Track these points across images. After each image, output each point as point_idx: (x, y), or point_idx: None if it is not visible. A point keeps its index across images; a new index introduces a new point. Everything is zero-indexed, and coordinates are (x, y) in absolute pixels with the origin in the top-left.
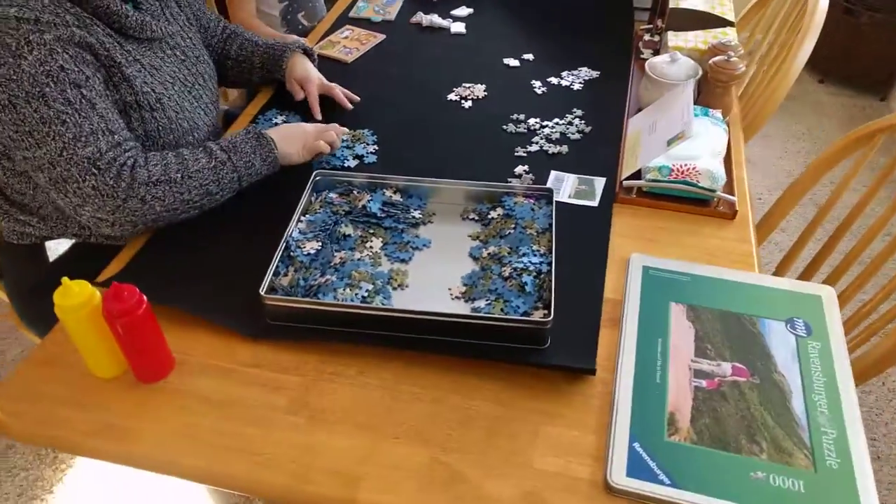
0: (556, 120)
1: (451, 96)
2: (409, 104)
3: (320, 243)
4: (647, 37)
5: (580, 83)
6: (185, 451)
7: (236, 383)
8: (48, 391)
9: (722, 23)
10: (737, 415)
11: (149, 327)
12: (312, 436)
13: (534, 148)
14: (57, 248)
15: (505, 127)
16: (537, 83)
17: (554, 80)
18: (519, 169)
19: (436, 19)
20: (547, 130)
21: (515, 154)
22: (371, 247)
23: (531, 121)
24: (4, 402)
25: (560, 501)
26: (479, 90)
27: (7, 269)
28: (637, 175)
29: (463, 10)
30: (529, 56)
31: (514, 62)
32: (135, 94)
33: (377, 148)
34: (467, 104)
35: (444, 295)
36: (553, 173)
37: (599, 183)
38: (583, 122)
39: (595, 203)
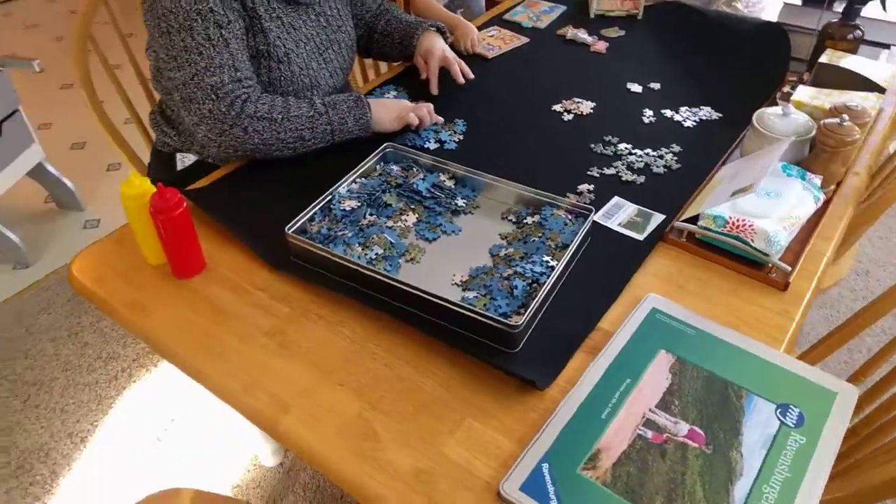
0: (648, 150)
1: (557, 107)
2: (513, 106)
3: (359, 203)
4: (786, 88)
5: (694, 122)
6: (176, 338)
7: (241, 299)
8: (112, 262)
9: (871, 88)
10: (667, 475)
11: (183, 229)
12: (274, 360)
13: (610, 171)
14: (185, 161)
15: (593, 146)
16: (649, 112)
17: (668, 113)
18: (583, 187)
19: (581, 34)
20: (632, 158)
21: (588, 173)
22: (405, 220)
23: (621, 146)
24: (81, 260)
25: (447, 488)
26: (586, 107)
27: (152, 170)
28: (696, 220)
29: (613, 31)
30: (656, 85)
31: (636, 87)
32: (267, 44)
33: (462, 138)
34: (568, 117)
35: (446, 279)
36: (615, 198)
37: (656, 219)
38: (675, 158)
39: (641, 237)
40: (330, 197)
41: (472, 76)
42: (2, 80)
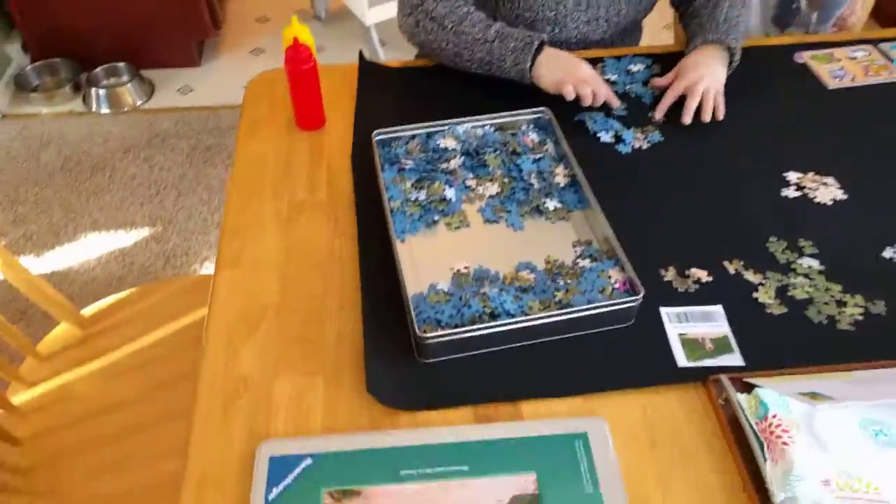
0: (833, 286)
1: (793, 175)
2: (741, 145)
3: (457, 146)
4: None
5: None
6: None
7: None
8: (279, 90)
9: None
10: None
11: (307, 83)
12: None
13: (752, 278)
14: None
15: (772, 241)
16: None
17: None
18: (698, 272)
19: None
20: (799, 281)
21: (724, 262)
22: (486, 188)
23: (807, 261)
24: (271, 73)
25: None
26: (827, 194)
27: None
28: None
29: None
30: None
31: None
32: None
33: (644, 147)
34: (791, 194)
35: (454, 259)
36: (717, 307)
37: (728, 359)
38: (857, 314)
39: (683, 363)
40: (445, 127)
41: (712, 118)
42: None
